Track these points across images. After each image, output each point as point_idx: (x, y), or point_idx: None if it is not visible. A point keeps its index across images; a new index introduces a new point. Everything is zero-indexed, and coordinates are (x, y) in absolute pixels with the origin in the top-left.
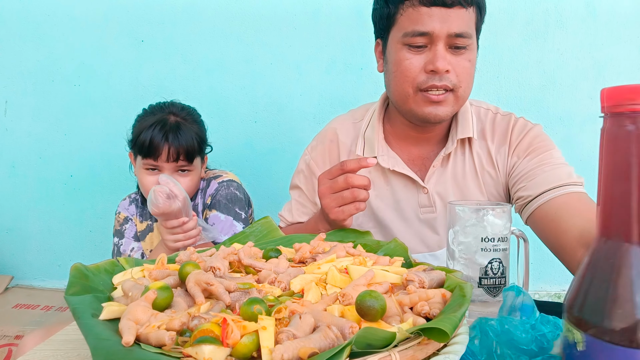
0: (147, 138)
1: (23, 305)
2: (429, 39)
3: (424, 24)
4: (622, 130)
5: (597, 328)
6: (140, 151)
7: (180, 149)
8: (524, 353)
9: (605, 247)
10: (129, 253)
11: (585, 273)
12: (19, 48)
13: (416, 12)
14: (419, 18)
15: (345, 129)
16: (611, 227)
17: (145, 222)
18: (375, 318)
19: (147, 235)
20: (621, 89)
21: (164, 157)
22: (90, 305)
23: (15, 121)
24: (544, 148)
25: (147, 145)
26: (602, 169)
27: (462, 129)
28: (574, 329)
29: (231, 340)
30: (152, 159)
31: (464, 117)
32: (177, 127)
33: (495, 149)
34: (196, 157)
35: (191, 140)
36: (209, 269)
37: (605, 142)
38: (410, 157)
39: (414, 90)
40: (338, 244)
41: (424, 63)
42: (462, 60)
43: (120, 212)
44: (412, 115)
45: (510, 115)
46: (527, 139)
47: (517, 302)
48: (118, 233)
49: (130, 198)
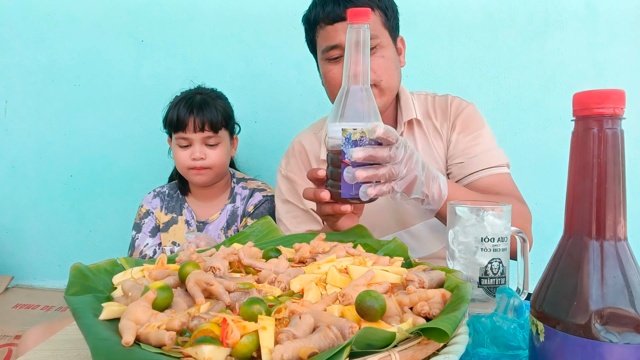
0: (174, 113)
1: (23, 305)
2: (341, 50)
3: (332, 39)
4: (588, 132)
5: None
6: (170, 127)
7: (205, 120)
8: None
9: (567, 244)
10: (142, 249)
11: (548, 269)
12: (19, 48)
13: (325, 31)
14: (327, 36)
15: (309, 139)
16: (574, 224)
17: (170, 214)
18: (375, 318)
19: (171, 227)
20: (589, 94)
21: (191, 127)
22: (90, 305)
23: (15, 121)
24: (476, 127)
25: (175, 119)
26: (570, 170)
27: (406, 113)
28: (536, 321)
29: (231, 340)
30: (181, 132)
31: (406, 104)
32: (201, 102)
33: (439, 125)
34: (221, 129)
35: (215, 112)
36: (209, 269)
37: (573, 144)
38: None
39: None
40: (338, 244)
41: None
42: (376, 58)
43: (143, 205)
44: None
45: (447, 96)
46: (462, 115)
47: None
48: (137, 226)
49: (154, 192)
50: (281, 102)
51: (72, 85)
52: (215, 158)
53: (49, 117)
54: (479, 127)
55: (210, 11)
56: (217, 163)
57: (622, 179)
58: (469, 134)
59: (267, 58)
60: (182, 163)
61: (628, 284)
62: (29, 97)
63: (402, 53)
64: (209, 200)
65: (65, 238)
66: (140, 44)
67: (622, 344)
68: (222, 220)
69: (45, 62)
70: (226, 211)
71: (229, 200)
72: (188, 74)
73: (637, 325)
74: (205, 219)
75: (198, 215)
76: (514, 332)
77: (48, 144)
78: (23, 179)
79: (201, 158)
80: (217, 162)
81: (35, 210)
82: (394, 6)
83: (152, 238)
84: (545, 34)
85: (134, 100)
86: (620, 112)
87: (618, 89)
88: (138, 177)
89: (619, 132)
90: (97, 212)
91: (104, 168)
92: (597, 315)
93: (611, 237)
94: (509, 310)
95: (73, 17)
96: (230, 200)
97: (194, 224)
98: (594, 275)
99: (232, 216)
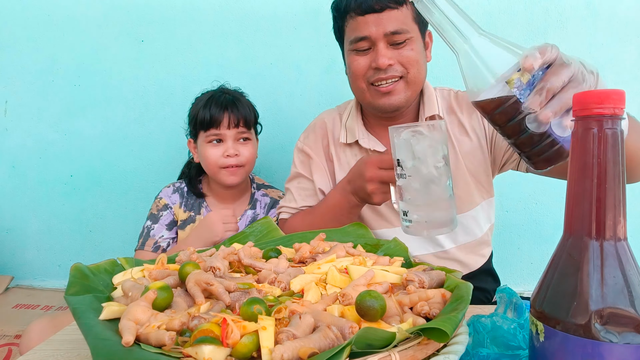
0: (207, 111)
1: (23, 305)
2: (370, 42)
3: (362, 30)
4: (588, 132)
5: (555, 320)
6: (202, 125)
7: (240, 116)
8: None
9: (567, 244)
10: (157, 239)
11: (548, 269)
12: (19, 48)
13: (355, 22)
14: (357, 26)
15: (332, 118)
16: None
17: (189, 212)
18: (375, 318)
19: (188, 226)
20: (589, 94)
21: (226, 123)
22: (90, 305)
23: (15, 121)
24: None
25: (209, 117)
26: (570, 170)
27: (428, 108)
28: (536, 321)
29: (231, 340)
30: (214, 129)
31: (430, 99)
32: (233, 99)
33: (466, 118)
34: (252, 127)
35: (248, 109)
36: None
37: (573, 144)
38: (387, 141)
39: (367, 85)
40: (338, 244)
41: (370, 62)
42: (405, 51)
43: (162, 197)
44: (372, 108)
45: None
46: None
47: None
48: (153, 217)
49: (174, 186)
50: (281, 103)
51: (72, 85)
52: (248, 155)
53: (49, 117)
54: None
55: (210, 11)
56: (249, 160)
57: (622, 179)
58: None
59: (267, 58)
60: (214, 161)
61: (628, 284)
62: (29, 97)
63: (429, 47)
64: (229, 203)
65: (65, 238)
66: (140, 44)
67: (622, 344)
68: (242, 226)
69: (45, 62)
70: (246, 217)
71: (249, 206)
72: (188, 74)
73: (637, 325)
74: None
75: None
76: (514, 332)
77: (48, 144)
78: (23, 179)
79: (235, 155)
80: (250, 160)
81: (35, 210)
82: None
83: (168, 231)
84: (545, 34)
85: (134, 100)
86: (620, 112)
87: (618, 89)
88: (138, 177)
89: (619, 132)
90: (97, 212)
91: (104, 168)
92: (597, 315)
93: (611, 237)
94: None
95: (73, 17)
96: (250, 206)
97: None
98: (594, 275)
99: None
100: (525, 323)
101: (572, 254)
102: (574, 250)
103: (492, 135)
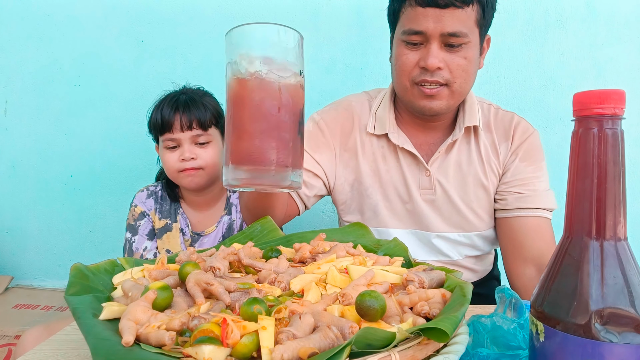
0: (159, 113)
1: (23, 305)
2: (424, 37)
3: (419, 24)
4: (588, 132)
5: (555, 320)
6: (155, 129)
7: (192, 117)
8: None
9: (568, 244)
10: (142, 252)
11: (548, 269)
12: (19, 48)
13: (413, 11)
14: (415, 17)
15: (361, 102)
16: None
17: (165, 220)
18: (375, 318)
19: (165, 234)
20: (589, 94)
21: (178, 126)
22: (90, 305)
23: (15, 121)
24: (538, 158)
25: (160, 120)
26: (570, 170)
27: (469, 117)
28: (536, 321)
29: (231, 340)
30: (168, 133)
31: (471, 108)
32: (187, 100)
33: (498, 142)
34: (211, 127)
35: (202, 109)
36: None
37: (573, 144)
38: (417, 141)
39: (410, 83)
40: (338, 244)
41: (418, 59)
42: (457, 58)
43: (137, 205)
44: (411, 107)
45: (512, 114)
46: (527, 143)
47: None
48: (131, 228)
49: (148, 190)
50: None
51: (72, 85)
52: (206, 157)
53: (49, 117)
54: (540, 159)
55: (210, 11)
56: (209, 163)
57: (622, 179)
58: (530, 165)
59: None
60: (171, 166)
61: (628, 284)
62: (29, 97)
63: (483, 53)
64: (204, 210)
65: (65, 238)
66: (140, 44)
67: (622, 344)
68: (219, 233)
69: (45, 62)
70: (222, 223)
71: (225, 212)
72: (188, 74)
73: (637, 325)
74: (200, 231)
75: (193, 225)
76: (514, 332)
77: (48, 144)
78: (23, 179)
79: (192, 158)
80: (209, 162)
81: (35, 210)
82: (494, 1)
83: (150, 241)
84: (545, 34)
85: (134, 100)
86: (620, 112)
87: (618, 89)
88: (138, 177)
89: (619, 132)
90: (97, 212)
91: (104, 168)
92: (597, 315)
93: (611, 237)
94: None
95: (73, 17)
96: (226, 211)
97: (189, 234)
98: (594, 275)
99: (229, 230)
100: (525, 323)
101: (572, 254)
102: (574, 250)
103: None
